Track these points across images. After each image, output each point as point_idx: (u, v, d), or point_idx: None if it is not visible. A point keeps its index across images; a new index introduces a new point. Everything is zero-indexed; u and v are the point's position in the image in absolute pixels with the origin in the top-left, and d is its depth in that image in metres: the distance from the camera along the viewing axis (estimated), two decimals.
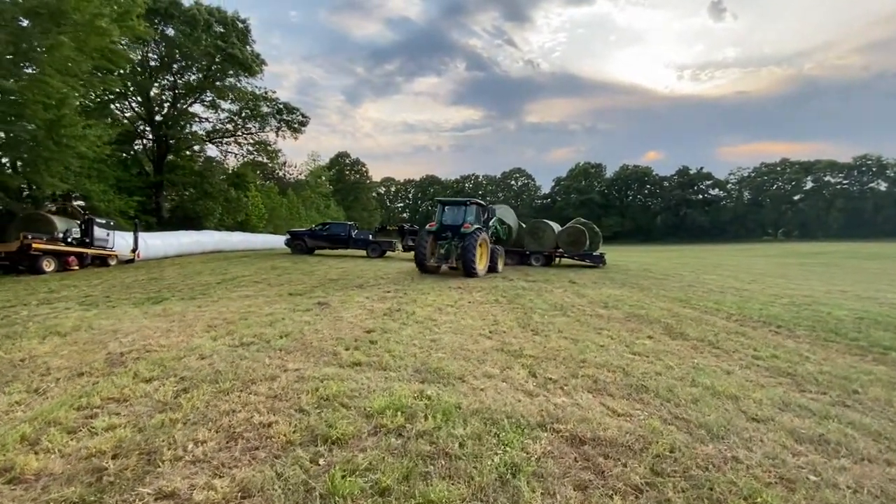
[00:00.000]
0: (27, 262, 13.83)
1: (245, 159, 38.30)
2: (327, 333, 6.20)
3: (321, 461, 2.79)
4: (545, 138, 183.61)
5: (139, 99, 32.17)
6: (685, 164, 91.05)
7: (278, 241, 30.37)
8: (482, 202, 16.32)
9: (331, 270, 15.81)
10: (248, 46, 32.72)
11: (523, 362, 5.01)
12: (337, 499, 2.39)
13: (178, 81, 32.68)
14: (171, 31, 29.28)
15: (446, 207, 15.81)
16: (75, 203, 19.42)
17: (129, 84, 30.75)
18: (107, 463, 2.67)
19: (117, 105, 31.16)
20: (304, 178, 62.88)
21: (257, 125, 35.91)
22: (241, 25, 32.07)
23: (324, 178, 66.77)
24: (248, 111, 35.44)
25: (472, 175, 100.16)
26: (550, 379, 4.46)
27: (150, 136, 33.63)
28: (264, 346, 5.42)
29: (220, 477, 2.58)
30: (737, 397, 4.06)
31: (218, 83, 32.82)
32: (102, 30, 14.63)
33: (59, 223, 15.80)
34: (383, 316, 7.63)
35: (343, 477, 2.55)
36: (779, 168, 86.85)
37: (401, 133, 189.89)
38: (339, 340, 5.81)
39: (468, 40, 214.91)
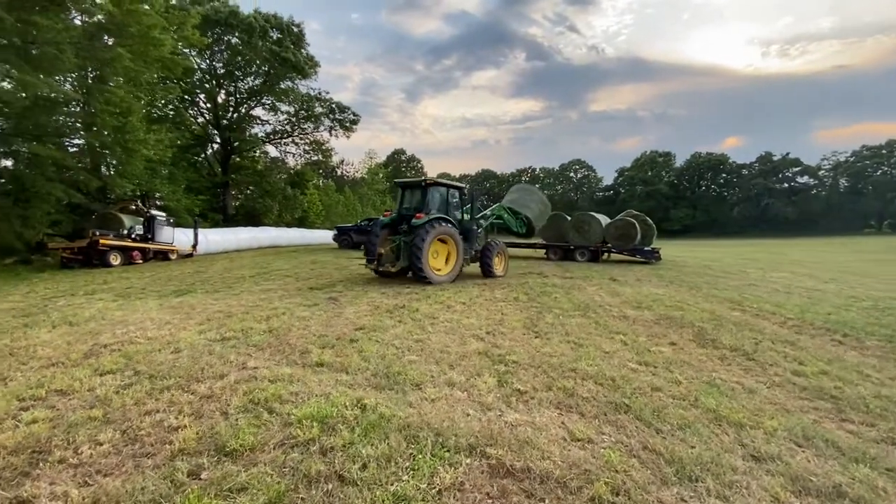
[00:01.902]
0: (97, 257, 15.28)
1: (302, 158, 40.13)
2: (315, 330, 6.03)
3: (203, 475, 2.52)
4: (610, 127, 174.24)
5: (209, 105, 34.75)
6: (768, 150, 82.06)
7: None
8: (457, 185, 12.44)
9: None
10: (302, 50, 34.07)
11: (499, 369, 4.48)
12: None
13: (240, 87, 34.79)
14: (234, 40, 31.25)
15: (406, 191, 12.11)
16: (140, 202, 21.17)
17: (198, 92, 33.38)
18: (1, 461, 2.59)
19: (190, 112, 33.90)
20: (361, 175, 64.90)
21: (312, 125, 37.37)
22: (295, 30, 33.42)
23: (380, 174, 68.50)
24: (303, 112, 37.02)
25: (529, 168, 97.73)
26: (518, 390, 3.90)
27: (218, 140, 36.21)
28: (240, 342, 5.34)
29: (86, 486, 2.40)
30: (742, 425, 3.26)
31: (277, 86, 34.57)
32: (157, 40, 15.71)
33: (127, 220, 17.33)
34: (385, 313, 7.36)
35: (199, 498, 2.26)
36: (884, 151, 75.28)
37: (459, 128, 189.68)
38: (321, 338, 5.61)
39: (528, 29, 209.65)
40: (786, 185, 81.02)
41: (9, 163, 17.32)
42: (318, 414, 3.25)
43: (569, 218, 20.60)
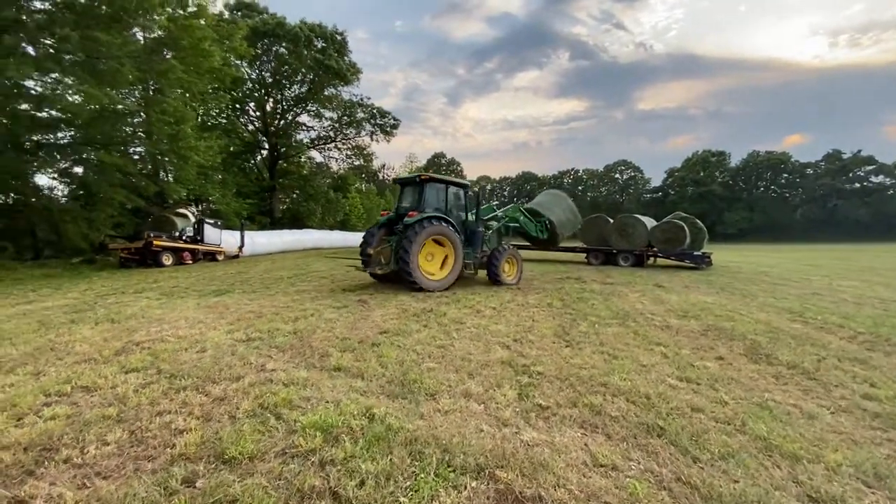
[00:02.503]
0: (151, 257, 16.24)
1: (345, 163, 41.18)
2: (339, 333, 5.98)
3: (198, 483, 2.45)
4: (659, 126, 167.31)
5: (258, 113, 36.42)
6: (836, 148, 75.45)
7: None
8: (460, 181, 11.36)
9: None
10: (345, 57, 34.97)
11: (521, 381, 4.19)
12: None
13: (287, 95, 36.18)
14: (281, 50, 32.57)
15: (405, 189, 11.21)
16: (194, 206, 22.35)
17: (248, 101, 35.04)
18: (5, 456, 2.64)
19: (241, 120, 35.68)
20: None
21: (354, 130, 38.25)
22: (338, 38, 34.35)
23: None
24: (346, 118, 37.99)
25: (572, 169, 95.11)
26: (539, 405, 3.61)
27: (266, 146, 37.83)
28: (264, 343, 5.36)
29: (82, 488, 2.37)
30: (798, 458, 2.82)
31: (321, 94, 35.71)
32: (207, 52, 16.55)
33: (179, 223, 18.34)
34: (412, 316, 7.23)
35: None
36: None
37: (500, 130, 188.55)
38: (343, 341, 5.54)
39: (572, 29, 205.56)
40: (857, 185, 74.22)
41: (79, 170, 18.79)
42: (324, 422, 3.13)
43: (611, 220, 19.74)
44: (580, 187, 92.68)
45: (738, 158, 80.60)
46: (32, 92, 14.15)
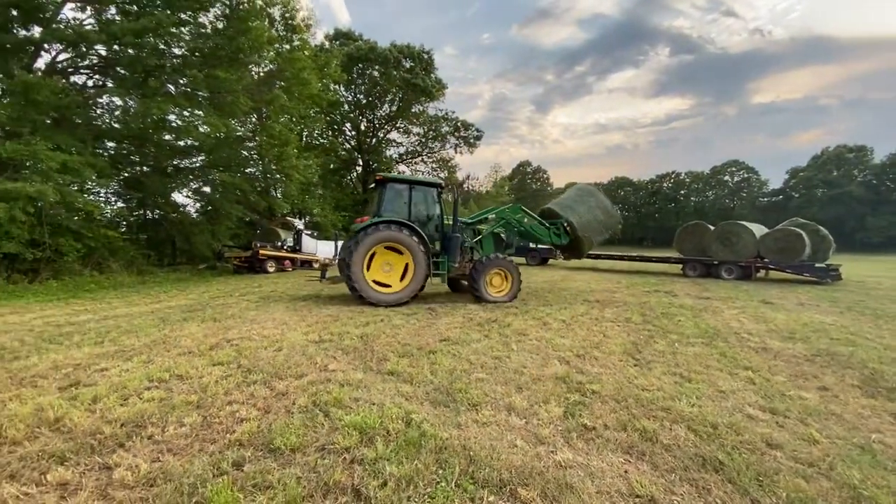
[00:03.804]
0: (258, 265, 18.33)
1: (431, 176, 42.68)
2: (401, 339, 6.22)
3: (245, 467, 2.74)
4: (779, 121, 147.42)
5: (353, 133, 39.41)
6: None
7: None
8: (430, 181, 10.17)
9: None
10: (431, 74, 36.44)
11: (571, 398, 3.99)
12: None
13: (378, 114, 38.63)
14: (374, 73, 35.00)
15: (375, 192, 10.20)
16: (296, 219, 24.77)
17: (345, 122, 38.10)
18: (107, 429, 3.20)
19: (339, 140, 38.90)
20: (488, 189, 66.32)
21: (439, 144, 39.52)
22: (425, 57, 35.91)
23: (506, 188, 69.03)
24: (431, 132, 39.46)
25: (672, 172, 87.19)
26: (584, 425, 3.41)
27: (360, 162, 40.69)
28: (333, 345, 5.77)
29: (156, 461, 2.79)
30: None
31: (408, 111, 37.59)
32: (306, 80, 18.42)
33: (282, 234, 20.48)
34: (475, 326, 7.25)
35: (227, 487, 2.44)
36: None
37: (591, 135, 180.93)
38: (403, 346, 5.76)
39: (672, 22, 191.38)
40: None
41: (207, 189, 21.95)
42: (364, 423, 3.29)
43: (712, 228, 17.84)
44: (682, 192, 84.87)
45: (884, 154, 67.60)
46: (172, 125, 16.97)
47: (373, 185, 10.26)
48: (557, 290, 12.76)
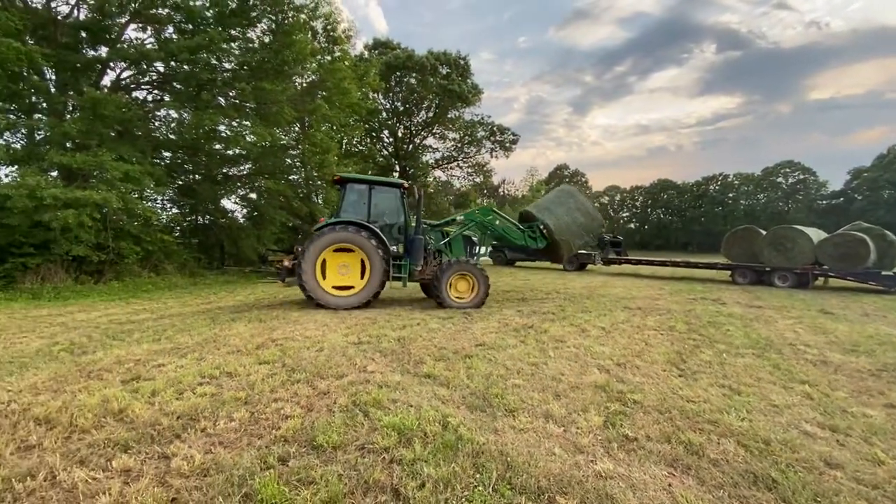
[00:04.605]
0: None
1: (466, 181, 42.83)
2: (438, 342, 6.27)
3: (289, 462, 2.85)
4: (840, 118, 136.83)
5: (391, 140, 40.18)
6: None
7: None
8: (390, 181, 10.07)
9: (512, 282, 15.92)
10: (467, 80, 36.64)
11: (612, 408, 3.89)
12: (249, 502, 2.41)
13: (415, 120, 39.22)
14: (412, 80, 35.60)
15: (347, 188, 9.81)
16: None
17: (382, 129, 38.92)
18: (165, 421, 3.42)
19: (377, 147, 39.78)
20: (524, 193, 65.73)
21: (474, 149, 39.61)
22: (461, 63, 36.17)
23: (542, 191, 68.20)
24: (467, 137, 39.61)
25: (719, 174, 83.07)
26: (625, 436, 3.31)
27: (397, 168, 41.40)
28: (371, 347, 5.90)
29: (208, 453, 2.95)
30: None
31: (444, 116, 37.94)
32: (346, 90, 19.00)
33: None
34: (512, 331, 7.20)
35: (273, 481, 2.55)
36: None
37: (632, 136, 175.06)
38: (439, 350, 5.80)
39: (719, 17, 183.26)
40: None
41: (253, 195, 23.01)
42: (402, 424, 3.35)
43: (763, 232, 16.89)
44: (730, 194, 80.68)
45: None
46: (222, 135, 17.95)
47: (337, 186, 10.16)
48: (596, 296, 12.45)
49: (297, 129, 21.85)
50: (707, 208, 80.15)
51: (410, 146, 40.23)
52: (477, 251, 11.10)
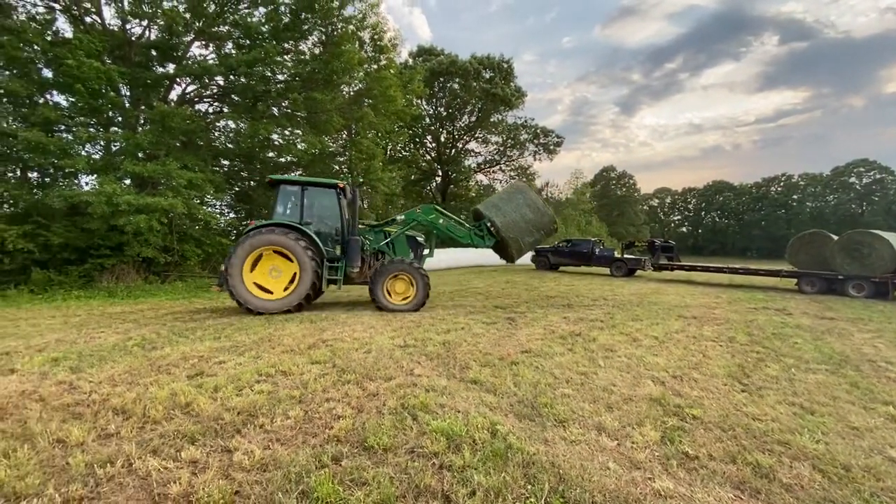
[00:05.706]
0: None
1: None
2: (483, 348, 6.24)
3: (342, 461, 2.92)
4: None
5: (434, 145, 40.66)
6: None
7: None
8: (326, 181, 9.68)
9: (556, 287, 15.59)
10: (511, 83, 36.47)
11: (669, 422, 3.71)
12: (306, 500, 2.48)
13: (458, 125, 39.45)
14: (455, 86, 35.91)
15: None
16: None
17: (426, 135, 39.45)
18: (227, 416, 3.61)
19: (420, 152, 40.38)
20: (568, 196, 64.28)
21: (517, 152, 39.27)
22: (504, 66, 36.07)
23: (587, 194, 66.40)
24: (510, 141, 39.37)
25: (782, 175, 77.41)
26: (685, 453, 3.14)
27: (440, 173, 41.82)
28: (417, 350, 5.96)
29: (267, 448, 3.08)
30: None
31: (487, 120, 37.94)
32: (392, 97, 19.42)
33: None
34: (558, 339, 7.04)
35: (328, 479, 2.62)
36: None
37: (683, 136, 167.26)
38: (485, 356, 5.77)
39: (780, 7, 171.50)
40: None
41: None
42: (451, 429, 3.35)
43: (834, 237, 15.58)
44: (795, 196, 75.05)
45: None
46: (275, 143, 18.85)
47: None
48: (647, 303, 11.94)
49: (344, 136, 22.60)
50: (768, 211, 75.11)
51: (453, 150, 40.51)
52: (421, 252, 10.92)
